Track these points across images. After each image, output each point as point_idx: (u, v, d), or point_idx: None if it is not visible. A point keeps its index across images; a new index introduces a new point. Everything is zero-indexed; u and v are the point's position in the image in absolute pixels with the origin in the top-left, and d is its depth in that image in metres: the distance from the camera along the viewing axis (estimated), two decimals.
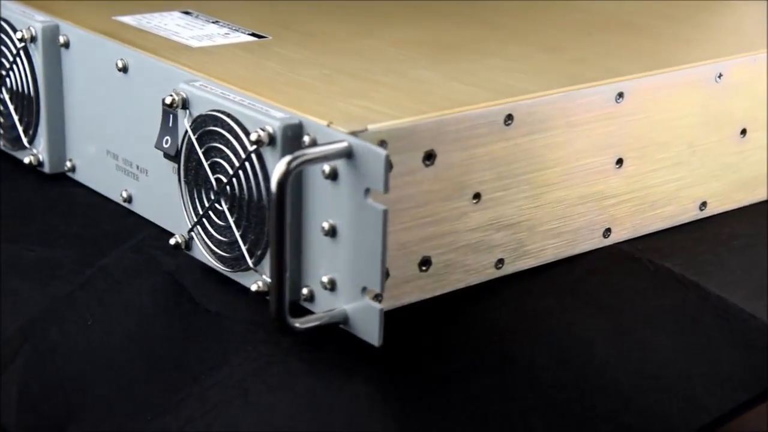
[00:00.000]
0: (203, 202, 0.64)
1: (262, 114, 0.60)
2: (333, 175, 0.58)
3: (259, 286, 0.62)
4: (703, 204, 0.75)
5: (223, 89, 0.64)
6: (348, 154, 0.57)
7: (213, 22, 0.77)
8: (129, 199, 0.73)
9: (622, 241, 0.71)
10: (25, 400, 0.63)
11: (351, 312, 0.59)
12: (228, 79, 0.65)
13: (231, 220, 0.62)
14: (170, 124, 0.67)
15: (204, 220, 0.64)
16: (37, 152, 0.77)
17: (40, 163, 0.77)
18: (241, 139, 0.61)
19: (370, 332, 0.58)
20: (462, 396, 0.59)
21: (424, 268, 0.62)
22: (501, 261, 0.66)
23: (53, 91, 0.76)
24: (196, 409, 0.61)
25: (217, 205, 0.63)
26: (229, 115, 0.61)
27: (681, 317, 0.65)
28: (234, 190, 0.62)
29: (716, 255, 0.71)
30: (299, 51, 0.72)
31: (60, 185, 0.78)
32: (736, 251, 0.72)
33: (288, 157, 0.56)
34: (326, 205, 0.59)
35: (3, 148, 0.80)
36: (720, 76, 0.72)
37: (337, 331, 0.61)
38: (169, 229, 0.70)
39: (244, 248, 0.62)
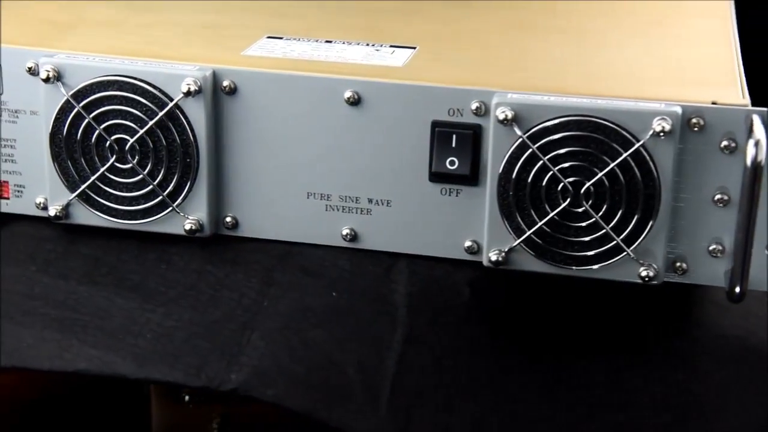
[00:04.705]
0: (541, 209, 0.65)
1: (646, 109, 0.63)
2: (732, 148, 0.63)
3: (648, 274, 0.65)
4: None
5: (553, 96, 0.64)
6: (751, 126, 0.63)
7: (327, 42, 0.73)
8: (353, 237, 0.69)
9: None
10: None
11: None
12: (537, 87, 0.66)
13: (597, 217, 0.64)
14: (453, 144, 0.66)
15: (544, 227, 0.65)
16: (192, 216, 0.69)
17: (201, 227, 0.69)
18: (622, 136, 0.63)
19: None
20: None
21: None
22: None
23: (213, 145, 0.68)
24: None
25: (572, 209, 0.65)
26: (601, 118, 0.63)
27: None
28: (603, 188, 0.64)
29: None
30: (483, 54, 0.72)
31: (228, 245, 0.70)
32: None
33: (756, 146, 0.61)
34: (721, 177, 0.64)
35: (116, 224, 0.70)
36: None
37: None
38: (428, 253, 0.68)
39: (619, 240, 0.65)
